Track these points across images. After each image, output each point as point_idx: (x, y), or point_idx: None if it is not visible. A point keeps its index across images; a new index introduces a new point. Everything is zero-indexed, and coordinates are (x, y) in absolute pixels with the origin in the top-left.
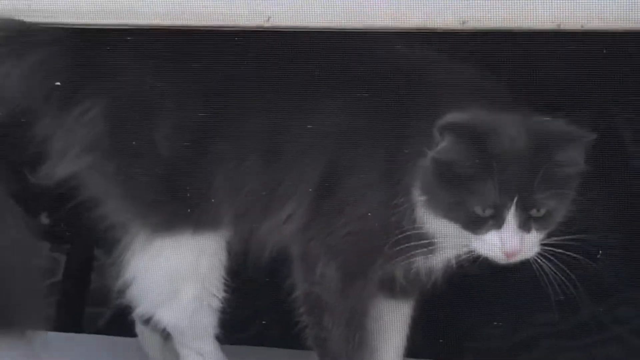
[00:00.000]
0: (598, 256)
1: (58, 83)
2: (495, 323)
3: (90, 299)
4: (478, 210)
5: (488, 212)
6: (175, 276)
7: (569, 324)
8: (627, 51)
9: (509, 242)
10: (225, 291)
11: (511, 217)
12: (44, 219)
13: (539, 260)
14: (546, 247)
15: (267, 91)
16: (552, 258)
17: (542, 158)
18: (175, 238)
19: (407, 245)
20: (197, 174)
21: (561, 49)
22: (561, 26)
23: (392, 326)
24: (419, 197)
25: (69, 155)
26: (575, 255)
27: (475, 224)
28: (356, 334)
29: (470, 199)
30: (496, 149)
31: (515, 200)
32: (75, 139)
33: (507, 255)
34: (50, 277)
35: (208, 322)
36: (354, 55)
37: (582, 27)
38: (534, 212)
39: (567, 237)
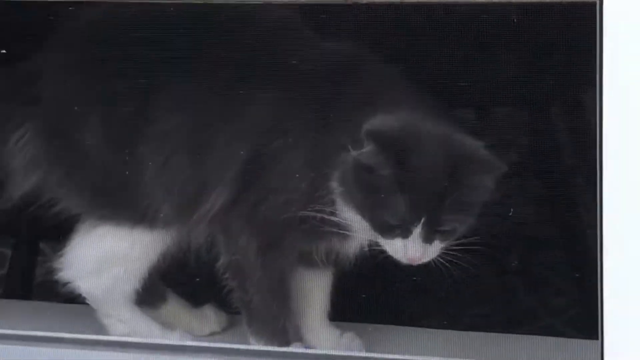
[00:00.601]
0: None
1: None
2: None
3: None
4: (387, 218)
5: (396, 222)
6: (104, 258)
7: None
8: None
9: (411, 251)
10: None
11: (417, 231)
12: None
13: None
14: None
15: (184, 85)
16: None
17: (455, 184)
18: (115, 228)
19: (322, 228)
20: (127, 173)
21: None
22: None
23: (314, 291)
24: (337, 187)
25: (19, 178)
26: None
27: (384, 229)
28: (277, 299)
29: (382, 208)
30: (412, 168)
31: (422, 220)
32: (20, 163)
33: (409, 261)
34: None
35: (125, 290)
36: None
37: None
38: (439, 229)
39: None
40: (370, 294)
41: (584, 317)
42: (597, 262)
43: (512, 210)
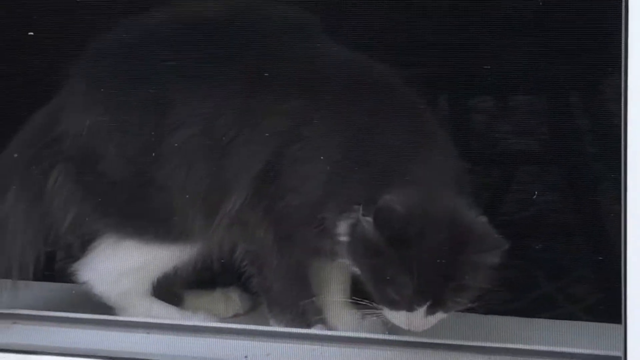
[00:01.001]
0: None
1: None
2: None
3: None
4: (391, 293)
5: (399, 298)
6: (126, 268)
7: None
8: None
9: (414, 324)
10: None
11: (421, 309)
12: None
13: None
14: None
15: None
16: None
17: (460, 266)
18: (140, 243)
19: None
20: (152, 194)
21: None
22: None
23: (334, 274)
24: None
25: (60, 215)
26: None
27: (386, 300)
28: (297, 285)
29: (389, 284)
30: (419, 253)
31: (427, 304)
32: (59, 203)
33: (412, 329)
34: None
35: (143, 291)
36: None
37: None
38: (444, 307)
39: None
40: None
41: (607, 302)
42: (620, 246)
43: (535, 194)
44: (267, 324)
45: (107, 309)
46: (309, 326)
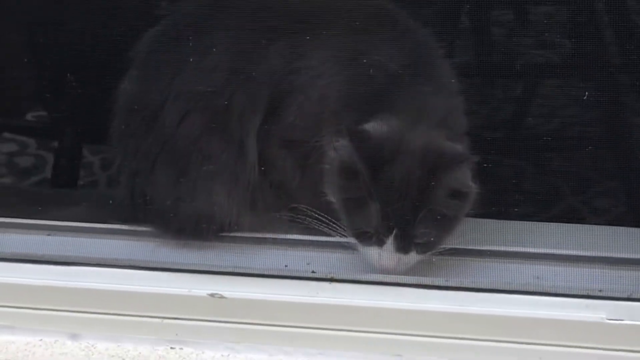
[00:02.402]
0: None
1: None
2: None
3: None
4: (363, 225)
5: (371, 230)
6: None
7: None
8: None
9: (385, 262)
10: None
11: (391, 242)
12: None
13: None
14: None
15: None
16: None
17: (427, 191)
18: None
19: None
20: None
21: None
22: None
23: None
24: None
25: None
26: None
27: (359, 235)
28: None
29: (358, 214)
30: (384, 174)
31: (394, 232)
32: None
33: (382, 271)
34: None
35: None
36: None
37: None
38: (415, 239)
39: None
40: None
41: None
42: None
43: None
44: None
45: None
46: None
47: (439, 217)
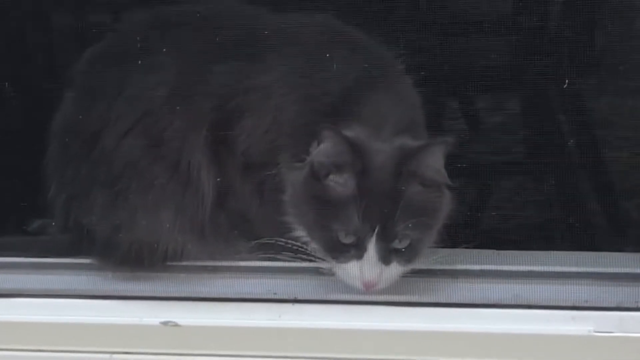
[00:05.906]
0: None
1: None
2: None
3: None
4: (341, 236)
5: (350, 239)
6: None
7: None
8: None
9: (367, 274)
10: None
11: (372, 249)
12: None
13: None
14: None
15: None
16: None
17: (405, 180)
18: None
19: None
20: None
21: None
22: None
23: None
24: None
25: None
26: None
27: (335, 249)
28: None
29: (335, 221)
30: (364, 169)
31: (376, 231)
32: None
33: (365, 287)
34: None
35: None
36: None
37: None
38: (396, 243)
39: None
40: None
41: None
42: None
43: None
44: None
45: None
46: None
47: (417, 211)
